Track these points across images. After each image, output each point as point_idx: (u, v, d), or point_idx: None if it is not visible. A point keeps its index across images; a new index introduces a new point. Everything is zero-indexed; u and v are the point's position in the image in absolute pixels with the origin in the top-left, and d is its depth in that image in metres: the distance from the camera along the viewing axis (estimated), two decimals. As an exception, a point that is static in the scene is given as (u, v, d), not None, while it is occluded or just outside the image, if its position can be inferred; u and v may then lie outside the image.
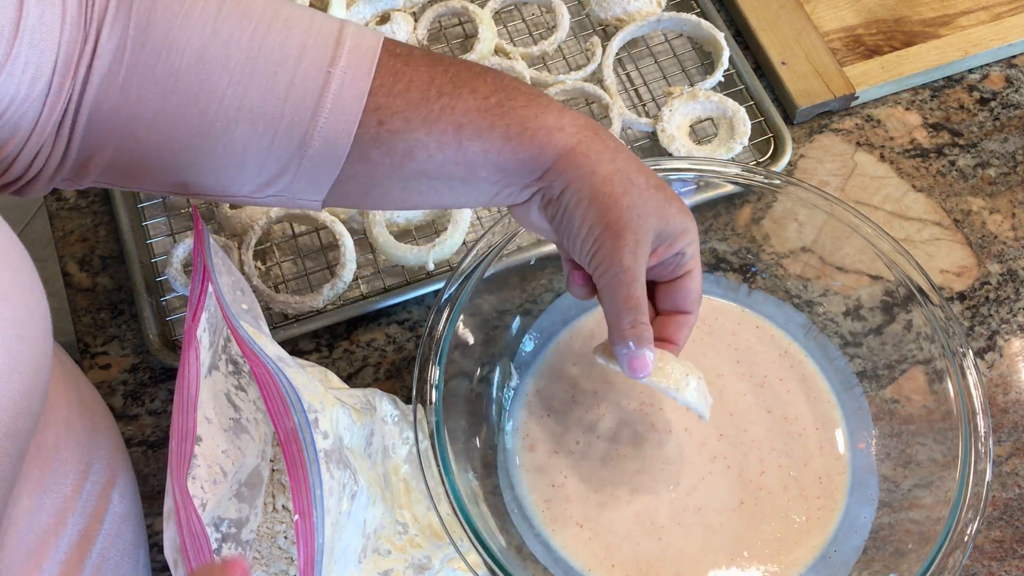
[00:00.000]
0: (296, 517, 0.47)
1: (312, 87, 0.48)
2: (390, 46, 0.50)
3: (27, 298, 0.42)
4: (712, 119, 0.78)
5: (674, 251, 0.54)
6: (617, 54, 0.80)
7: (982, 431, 0.57)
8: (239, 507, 0.57)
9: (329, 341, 0.71)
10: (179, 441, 0.50)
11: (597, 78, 0.80)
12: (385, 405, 0.62)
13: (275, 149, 0.49)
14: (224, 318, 0.52)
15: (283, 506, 0.60)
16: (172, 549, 0.50)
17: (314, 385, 0.53)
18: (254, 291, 0.71)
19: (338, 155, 0.50)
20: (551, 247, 0.69)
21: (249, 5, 0.49)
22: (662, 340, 0.56)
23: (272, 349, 0.53)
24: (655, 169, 0.65)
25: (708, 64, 0.81)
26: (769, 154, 0.76)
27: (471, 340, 0.63)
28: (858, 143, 0.79)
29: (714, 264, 0.70)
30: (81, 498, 0.55)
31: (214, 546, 0.55)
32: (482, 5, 0.82)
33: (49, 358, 0.44)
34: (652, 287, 0.57)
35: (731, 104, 0.75)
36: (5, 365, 0.39)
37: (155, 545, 0.65)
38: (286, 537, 0.59)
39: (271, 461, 0.62)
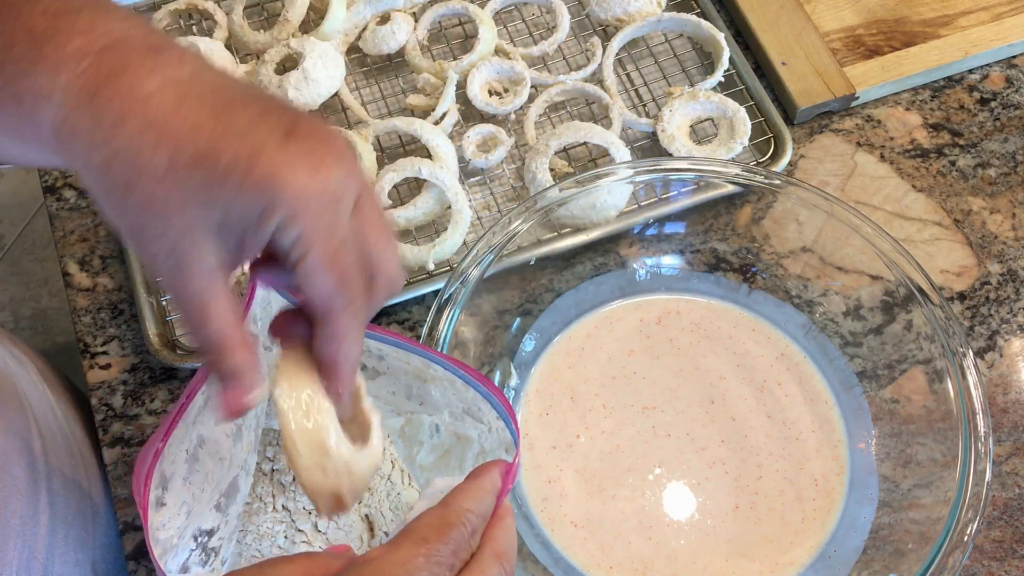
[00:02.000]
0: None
1: None
2: None
3: None
4: (712, 119, 0.78)
5: (262, 239, 0.36)
6: (617, 54, 0.80)
7: (982, 431, 0.57)
8: (214, 517, 0.57)
9: (329, 341, 0.71)
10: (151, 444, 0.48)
11: (597, 78, 0.80)
12: None
13: None
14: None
15: (283, 506, 0.60)
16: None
17: None
18: (254, 291, 0.71)
19: None
20: (551, 247, 0.69)
21: None
22: (320, 364, 0.40)
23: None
24: (654, 170, 0.65)
25: (708, 64, 0.81)
26: (769, 154, 0.76)
27: (471, 340, 0.63)
28: (858, 143, 0.79)
29: (714, 264, 0.70)
30: None
31: (187, 555, 0.55)
32: (482, 5, 0.82)
33: None
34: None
35: (731, 104, 0.75)
36: None
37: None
38: (286, 537, 0.59)
39: (271, 460, 0.62)
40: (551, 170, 0.74)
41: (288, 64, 0.77)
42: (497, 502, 0.40)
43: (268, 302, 0.47)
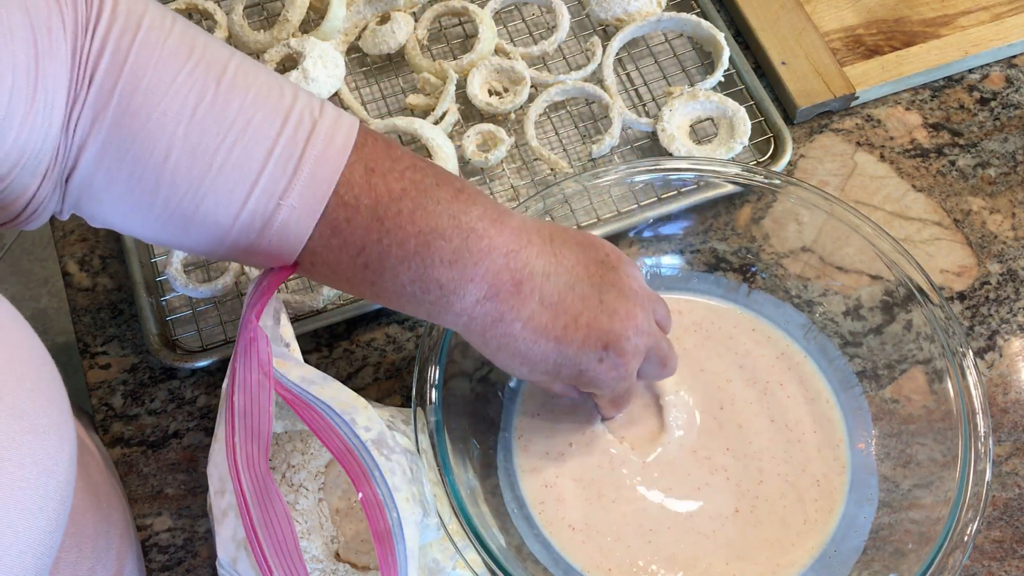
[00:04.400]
0: (359, 495, 0.48)
1: (262, 211, 0.50)
2: (342, 190, 0.50)
3: (58, 427, 0.40)
4: (712, 119, 0.78)
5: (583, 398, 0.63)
6: (617, 54, 0.80)
7: (982, 431, 0.57)
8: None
9: (329, 341, 0.71)
10: (247, 438, 0.50)
11: (597, 78, 0.80)
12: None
13: (229, 245, 0.52)
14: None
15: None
16: (231, 544, 0.50)
17: (344, 393, 0.53)
18: (254, 291, 0.71)
19: (283, 264, 0.53)
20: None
21: (224, 110, 0.49)
22: None
23: (296, 372, 0.53)
24: (654, 169, 0.65)
25: (708, 64, 0.81)
26: (769, 154, 0.76)
27: (471, 340, 0.63)
28: (858, 143, 0.79)
29: (714, 264, 0.70)
30: None
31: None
32: (482, 5, 0.82)
33: (73, 482, 0.42)
34: None
35: (731, 104, 0.75)
36: (32, 504, 0.37)
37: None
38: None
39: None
40: (551, 171, 0.74)
41: (288, 64, 0.77)
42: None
43: (277, 311, 0.55)
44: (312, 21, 0.82)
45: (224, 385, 0.54)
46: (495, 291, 0.52)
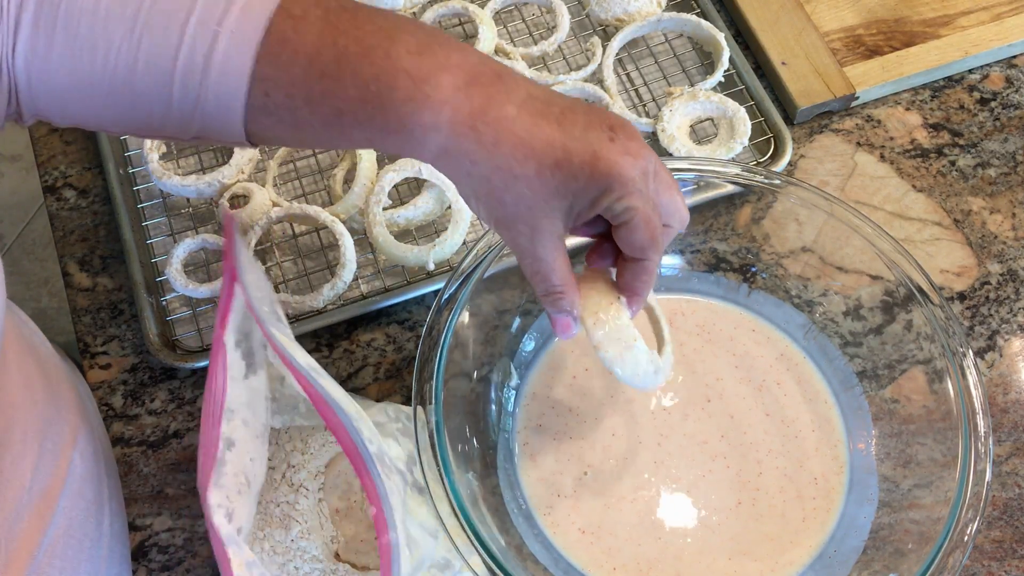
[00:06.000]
0: (372, 511, 0.48)
1: (201, 44, 0.47)
2: (287, 3, 0.48)
3: None
4: (712, 119, 0.78)
5: (596, 212, 0.50)
6: (617, 54, 0.80)
7: (982, 431, 0.57)
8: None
9: (329, 341, 0.71)
10: (204, 453, 0.50)
11: (597, 78, 0.80)
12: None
13: (176, 99, 0.49)
14: (259, 326, 0.52)
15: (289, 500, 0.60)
16: None
17: (344, 396, 0.53)
18: (254, 291, 0.71)
19: (234, 113, 0.49)
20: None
21: None
22: (625, 290, 0.55)
23: (302, 358, 0.52)
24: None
25: (708, 64, 0.81)
26: (769, 154, 0.76)
27: (471, 340, 0.63)
28: (858, 143, 0.79)
29: (714, 264, 0.70)
30: (41, 458, 0.55)
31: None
32: (482, 5, 0.82)
33: (2, 304, 0.43)
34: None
35: (731, 104, 0.75)
36: None
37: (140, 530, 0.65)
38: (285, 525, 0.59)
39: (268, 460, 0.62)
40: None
41: (288, 64, 0.77)
42: None
43: (246, 314, 0.53)
44: (312, 21, 0.82)
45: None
46: (474, 78, 0.47)
